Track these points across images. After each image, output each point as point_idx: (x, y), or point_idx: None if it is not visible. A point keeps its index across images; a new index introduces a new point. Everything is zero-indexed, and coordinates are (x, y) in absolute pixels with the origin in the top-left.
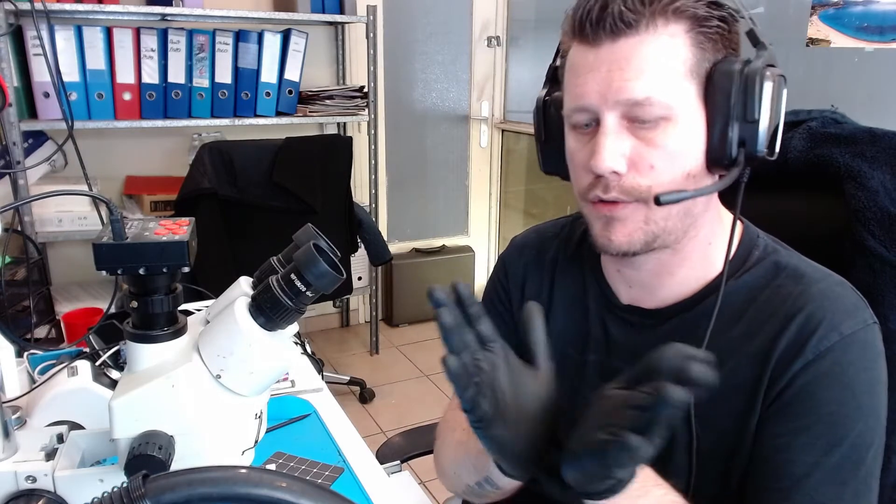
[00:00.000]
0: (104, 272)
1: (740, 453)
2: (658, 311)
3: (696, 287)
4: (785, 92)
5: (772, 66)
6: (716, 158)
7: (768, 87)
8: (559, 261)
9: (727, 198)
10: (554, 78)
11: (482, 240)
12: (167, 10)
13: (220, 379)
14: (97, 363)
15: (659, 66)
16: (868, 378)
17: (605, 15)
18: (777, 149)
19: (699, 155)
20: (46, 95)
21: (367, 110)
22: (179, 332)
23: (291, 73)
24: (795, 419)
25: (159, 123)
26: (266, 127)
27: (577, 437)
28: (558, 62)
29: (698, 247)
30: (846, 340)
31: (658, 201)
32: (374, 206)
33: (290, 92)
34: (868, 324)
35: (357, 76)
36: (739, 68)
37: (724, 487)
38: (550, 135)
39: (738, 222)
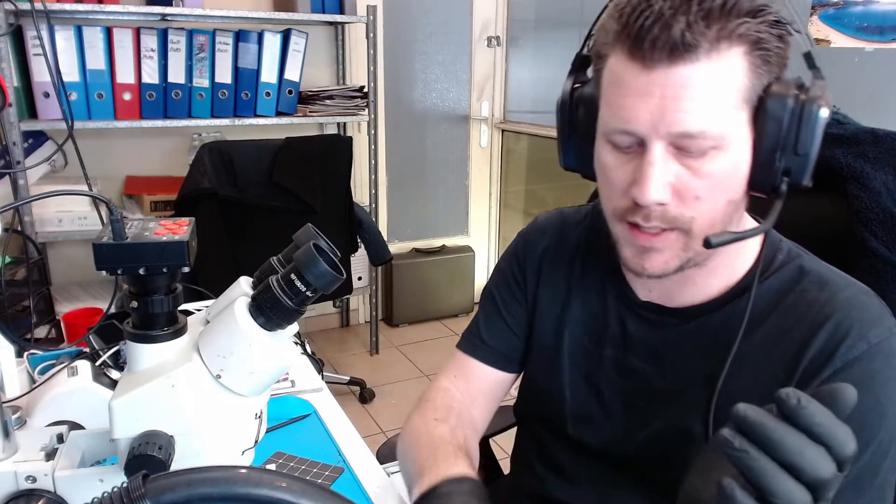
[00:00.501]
0: (104, 272)
1: None
2: (680, 311)
3: (719, 290)
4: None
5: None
6: (758, 186)
7: (823, 118)
8: (581, 249)
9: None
10: (580, 67)
11: (482, 240)
12: (167, 10)
13: (220, 379)
14: (97, 363)
15: (715, 96)
16: (892, 387)
17: (665, 36)
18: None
19: (743, 182)
20: (46, 95)
21: (367, 110)
22: (179, 332)
23: (291, 73)
24: None
25: (159, 123)
26: (266, 127)
27: (692, 486)
28: (586, 51)
29: (726, 259)
30: (873, 350)
31: (708, 244)
32: (374, 206)
33: (290, 92)
34: (893, 332)
35: (357, 76)
36: (795, 95)
37: None
38: (575, 131)
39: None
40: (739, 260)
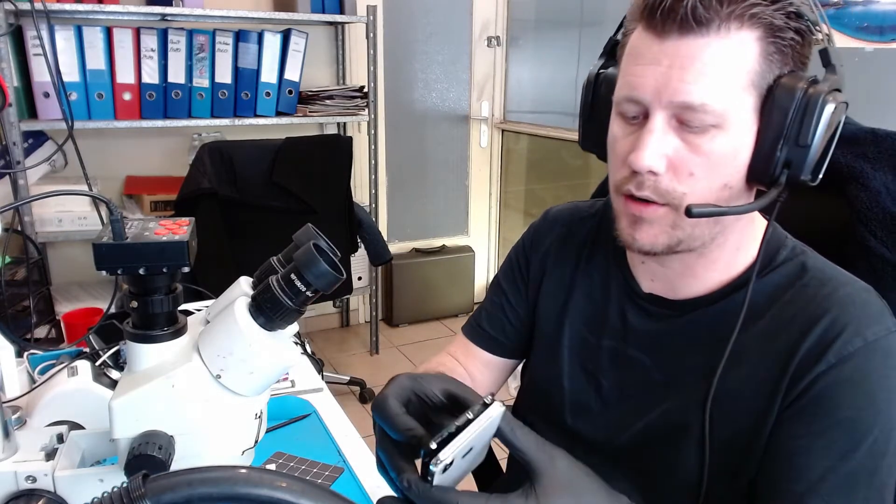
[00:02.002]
0: (104, 272)
1: (753, 451)
2: (679, 303)
3: (718, 283)
4: (843, 118)
5: (837, 90)
6: (757, 176)
7: (828, 112)
8: (588, 242)
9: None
10: (611, 52)
11: (482, 240)
12: (167, 10)
13: (220, 379)
14: (97, 363)
15: (721, 73)
16: (888, 386)
17: (678, 7)
18: (821, 175)
19: (741, 168)
20: (46, 95)
21: (367, 110)
22: (179, 332)
23: (291, 73)
24: (813, 422)
25: (159, 123)
26: (266, 127)
27: None
28: (619, 37)
29: (726, 253)
30: (870, 347)
31: (689, 213)
32: (374, 206)
33: (290, 92)
34: (892, 331)
35: (357, 76)
36: (803, 87)
37: (733, 485)
38: (596, 112)
39: (768, 224)
40: (741, 254)
